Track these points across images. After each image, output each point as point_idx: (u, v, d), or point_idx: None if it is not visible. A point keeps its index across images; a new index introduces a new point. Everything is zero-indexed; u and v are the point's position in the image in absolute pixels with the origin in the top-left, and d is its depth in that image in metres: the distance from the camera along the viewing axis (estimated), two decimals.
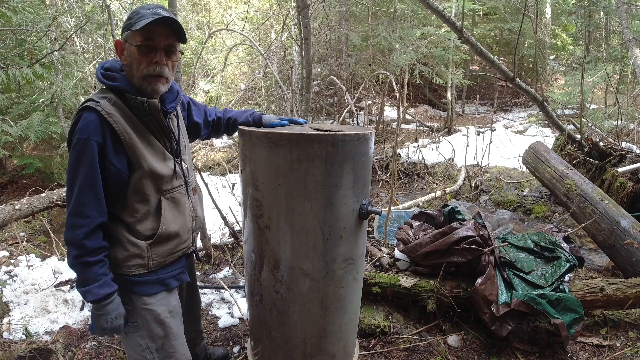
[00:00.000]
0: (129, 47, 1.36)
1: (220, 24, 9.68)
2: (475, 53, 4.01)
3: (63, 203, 4.29)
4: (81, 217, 1.33)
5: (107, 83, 1.38)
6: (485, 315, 2.33)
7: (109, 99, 1.36)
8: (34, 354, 2.20)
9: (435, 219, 2.93)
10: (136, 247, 1.44)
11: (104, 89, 1.41)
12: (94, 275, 1.36)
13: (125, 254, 1.44)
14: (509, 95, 12.64)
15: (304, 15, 4.30)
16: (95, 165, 1.32)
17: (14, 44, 4.72)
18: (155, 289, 1.52)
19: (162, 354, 1.56)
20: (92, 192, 1.33)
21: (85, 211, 1.33)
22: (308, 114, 4.83)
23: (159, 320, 1.53)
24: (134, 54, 1.35)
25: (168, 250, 1.52)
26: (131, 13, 1.37)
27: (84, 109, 1.33)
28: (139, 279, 1.47)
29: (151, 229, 1.46)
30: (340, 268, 1.71)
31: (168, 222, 1.49)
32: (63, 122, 5.78)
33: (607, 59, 8.59)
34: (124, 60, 1.40)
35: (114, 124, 1.34)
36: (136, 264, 1.45)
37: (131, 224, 1.44)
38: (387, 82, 7.79)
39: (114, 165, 1.35)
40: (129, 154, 1.38)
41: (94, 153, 1.31)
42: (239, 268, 3.33)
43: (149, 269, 1.48)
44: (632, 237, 3.00)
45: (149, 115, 1.42)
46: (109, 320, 1.40)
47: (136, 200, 1.42)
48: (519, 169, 6.03)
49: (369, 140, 1.66)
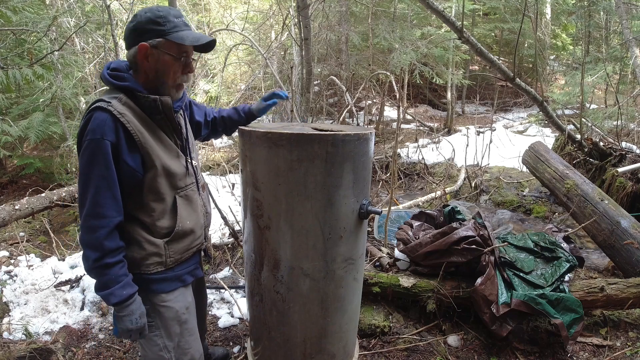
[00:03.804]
0: (161, 54, 1.37)
1: (220, 24, 9.68)
2: (475, 53, 4.01)
3: (63, 203, 4.29)
4: (100, 217, 1.31)
5: (116, 83, 1.37)
6: (485, 315, 2.33)
7: (119, 99, 1.35)
8: (34, 354, 2.20)
9: (435, 219, 2.93)
10: (154, 245, 1.45)
11: (111, 89, 1.40)
12: (115, 277, 1.35)
13: (143, 253, 1.44)
14: (509, 95, 12.65)
15: (304, 15, 4.31)
16: (110, 164, 1.31)
17: (14, 44, 4.73)
18: (173, 285, 1.54)
19: (179, 352, 1.58)
20: (108, 191, 1.32)
21: (104, 211, 1.32)
22: (308, 114, 4.83)
23: (177, 317, 1.55)
24: (168, 62, 1.38)
25: (184, 246, 1.54)
26: (156, 17, 1.35)
27: (95, 109, 1.31)
28: (157, 276, 1.49)
29: (168, 227, 1.47)
30: (340, 268, 1.71)
31: (183, 219, 1.50)
32: (63, 122, 5.78)
33: (607, 59, 8.58)
34: (148, 64, 1.38)
35: (127, 124, 1.33)
36: (154, 262, 1.46)
37: (148, 222, 1.44)
38: (387, 82, 7.80)
39: (128, 164, 1.35)
40: (142, 153, 1.37)
41: (108, 152, 1.30)
42: (239, 268, 3.33)
43: (166, 266, 1.49)
44: (632, 237, 3.00)
45: (161, 114, 1.42)
46: (134, 320, 1.40)
47: (152, 199, 1.43)
48: (519, 169, 6.03)
49: (369, 140, 1.66)
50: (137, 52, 1.35)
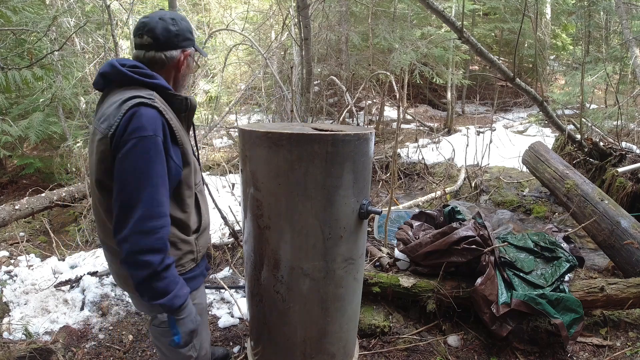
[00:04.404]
0: (191, 62, 1.49)
1: (220, 24, 9.68)
2: (475, 53, 4.01)
3: (63, 203, 4.29)
4: (160, 217, 1.25)
5: (147, 81, 1.33)
6: (485, 315, 2.33)
7: (155, 95, 1.32)
8: (34, 354, 2.20)
9: (435, 219, 2.93)
10: (188, 244, 1.45)
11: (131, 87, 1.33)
12: (174, 277, 1.29)
13: (179, 253, 1.43)
14: (509, 95, 12.65)
15: (304, 15, 4.31)
16: (164, 162, 1.27)
17: (14, 44, 4.73)
18: (200, 281, 1.56)
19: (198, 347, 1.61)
20: (164, 189, 1.27)
21: (163, 210, 1.26)
22: (308, 114, 4.83)
23: (202, 313, 1.57)
24: (191, 70, 1.51)
25: (206, 240, 1.57)
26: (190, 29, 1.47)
27: (138, 105, 1.24)
28: (191, 274, 1.49)
29: (196, 221, 1.50)
30: (340, 268, 1.71)
31: (204, 213, 1.53)
32: (63, 122, 5.78)
33: (607, 59, 8.58)
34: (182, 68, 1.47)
35: (170, 120, 1.32)
36: (189, 259, 1.47)
37: (183, 219, 1.42)
38: (387, 82, 7.80)
39: (174, 160, 1.32)
40: (181, 149, 1.37)
41: (162, 149, 1.25)
42: (239, 268, 3.33)
43: (196, 262, 1.51)
44: (632, 237, 3.00)
45: (186, 112, 1.44)
46: (194, 319, 1.37)
47: (187, 195, 1.43)
48: (519, 169, 6.03)
49: (369, 140, 1.66)
50: (180, 56, 1.43)
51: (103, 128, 1.26)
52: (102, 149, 1.26)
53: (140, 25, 1.38)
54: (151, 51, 1.38)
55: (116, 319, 2.71)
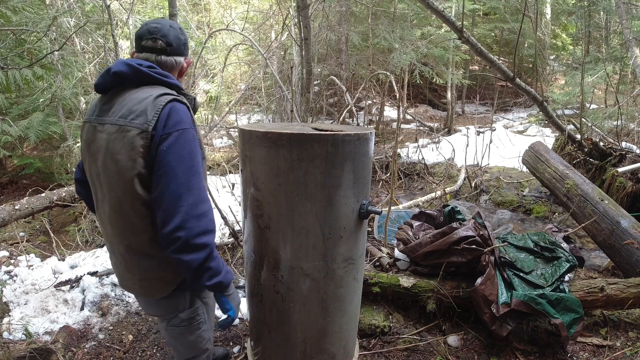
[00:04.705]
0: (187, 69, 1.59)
1: (220, 24, 9.68)
2: (475, 53, 4.00)
3: (63, 203, 4.29)
4: (207, 201, 1.36)
5: (166, 81, 1.42)
6: (485, 315, 2.33)
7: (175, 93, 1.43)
8: (34, 354, 2.20)
9: (435, 219, 2.93)
10: None
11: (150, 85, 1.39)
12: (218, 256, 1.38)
13: None
14: (509, 95, 12.65)
15: (304, 15, 4.31)
16: (200, 152, 1.39)
17: (14, 44, 4.72)
18: None
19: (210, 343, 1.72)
20: (202, 177, 1.37)
21: (207, 195, 1.38)
22: (308, 114, 4.83)
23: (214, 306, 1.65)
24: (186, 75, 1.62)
25: None
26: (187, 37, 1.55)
27: (171, 101, 1.35)
28: None
29: None
30: (340, 268, 1.71)
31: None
32: (63, 122, 5.78)
33: (607, 59, 8.58)
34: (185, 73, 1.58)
35: (193, 116, 1.43)
36: None
37: None
38: (387, 82, 7.81)
39: (201, 152, 1.42)
40: (200, 142, 1.44)
41: (197, 141, 1.38)
42: (239, 268, 3.33)
43: None
44: (632, 237, 3.00)
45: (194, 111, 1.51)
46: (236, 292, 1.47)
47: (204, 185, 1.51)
48: (519, 169, 6.03)
49: (369, 140, 1.66)
50: (184, 63, 1.54)
51: (138, 123, 1.30)
52: (141, 143, 1.29)
53: (154, 30, 1.44)
54: (162, 55, 1.46)
55: (116, 319, 2.71)
